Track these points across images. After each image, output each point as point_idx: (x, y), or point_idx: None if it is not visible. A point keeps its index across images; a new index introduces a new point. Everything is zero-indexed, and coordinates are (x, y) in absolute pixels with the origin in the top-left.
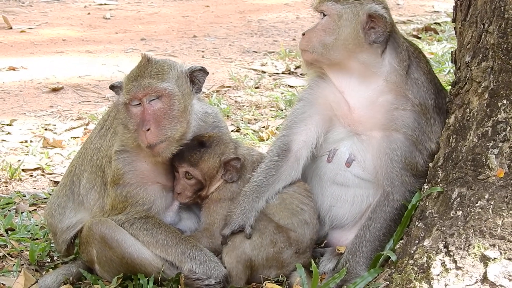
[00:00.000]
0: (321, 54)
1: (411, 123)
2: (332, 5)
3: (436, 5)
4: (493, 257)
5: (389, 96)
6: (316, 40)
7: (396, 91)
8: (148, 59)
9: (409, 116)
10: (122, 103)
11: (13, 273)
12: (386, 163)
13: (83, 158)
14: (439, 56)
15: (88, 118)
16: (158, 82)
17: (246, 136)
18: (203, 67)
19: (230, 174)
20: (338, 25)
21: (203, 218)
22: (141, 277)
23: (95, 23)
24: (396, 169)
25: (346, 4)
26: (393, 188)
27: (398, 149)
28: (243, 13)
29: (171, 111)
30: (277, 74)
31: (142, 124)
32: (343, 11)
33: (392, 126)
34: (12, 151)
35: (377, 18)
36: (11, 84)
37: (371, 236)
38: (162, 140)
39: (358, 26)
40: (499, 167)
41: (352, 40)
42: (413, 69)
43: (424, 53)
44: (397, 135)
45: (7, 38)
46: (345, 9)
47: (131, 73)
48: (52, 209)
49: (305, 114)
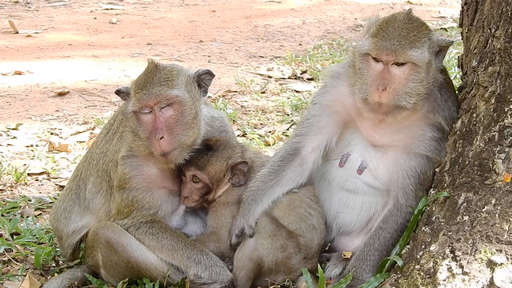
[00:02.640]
0: (414, 104)
1: (435, 147)
2: (419, 54)
3: (443, 11)
4: (499, 262)
5: (420, 123)
6: (405, 92)
7: (427, 118)
8: (156, 65)
9: (435, 143)
10: (132, 111)
11: (18, 278)
12: (402, 177)
13: (89, 163)
14: (446, 61)
15: (94, 122)
16: (169, 90)
17: (252, 141)
18: (209, 70)
19: (237, 177)
20: (427, 72)
21: (210, 222)
22: (146, 282)
23: (101, 27)
24: (412, 183)
25: (425, 47)
26: (407, 200)
27: (417, 167)
28: (250, 18)
29: (182, 118)
30: (283, 79)
31: (155, 132)
32: (429, 57)
33: (416, 149)
34: (18, 155)
35: (445, 47)
36: (17, 88)
37: (380, 246)
38: (175, 147)
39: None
40: (505, 172)
41: (434, 79)
42: (443, 92)
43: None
44: (418, 156)
45: (13, 42)
46: (429, 53)
47: (139, 80)
48: (58, 213)
49: (320, 123)
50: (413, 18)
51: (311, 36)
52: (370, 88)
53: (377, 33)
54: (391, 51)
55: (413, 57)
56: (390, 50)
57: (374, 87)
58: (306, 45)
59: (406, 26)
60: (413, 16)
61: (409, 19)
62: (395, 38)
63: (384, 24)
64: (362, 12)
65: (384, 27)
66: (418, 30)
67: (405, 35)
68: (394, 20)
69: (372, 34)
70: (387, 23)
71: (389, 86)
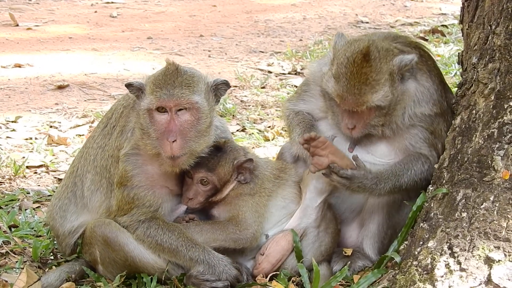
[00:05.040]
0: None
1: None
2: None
3: (444, 7)
4: (497, 259)
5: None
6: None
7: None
8: (177, 67)
9: (429, 119)
10: (146, 108)
11: (15, 270)
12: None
13: (85, 158)
14: (446, 58)
15: (93, 116)
16: (190, 94)
17: (251, 135)
18: (226, 80)
19: (243, 175)
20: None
21: (224, 214)
22: (144, 276)
23: (101, 21)
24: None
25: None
26: (419, 148)
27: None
28: (250, 13)
29: (198, 125)
30: (283, 74)
31: (168, 134)
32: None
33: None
34: (17, 148)
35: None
36: (17, 81)
37: (397, 171)
38: (185, 152)
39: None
40: (504, 169)
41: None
42: (422, 83)
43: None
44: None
45: (13, 35)
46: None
47: (158, 79)
48: (54, 211)
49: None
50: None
51: (311, 32)
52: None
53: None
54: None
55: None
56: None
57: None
58: (306, 40)
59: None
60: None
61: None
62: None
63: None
64: (363, 8)
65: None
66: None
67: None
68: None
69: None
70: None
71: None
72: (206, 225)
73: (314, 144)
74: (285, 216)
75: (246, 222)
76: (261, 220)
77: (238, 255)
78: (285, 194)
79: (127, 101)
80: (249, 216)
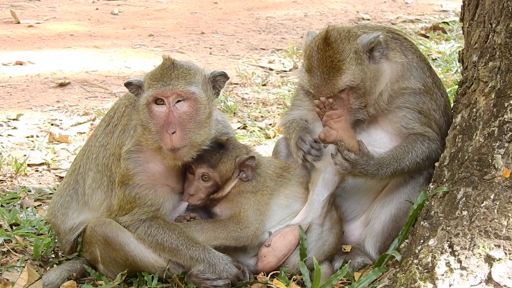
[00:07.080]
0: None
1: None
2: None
3: (445, 4)
4: (498, 258)
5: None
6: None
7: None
8: (173, 62)
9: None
10: (145, 103)
11: (17, 269)
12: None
13: (87, 156)
14: (447, 55)
15: (94, 113)
16: (187, 85)
17: (252, 133)
18: (224, 72)
19: (245, 173)
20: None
21: (226, 212)
22: (145, 274)
23: (103, 18)
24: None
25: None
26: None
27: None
28: (251, 10)
29: (196, 116)
30: (285, 71)
31: (168, 126)
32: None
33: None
34: (18, 145)
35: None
36: (18, 78)
37: (397, 155)
38: (186, 144)
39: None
40: (505, 167)
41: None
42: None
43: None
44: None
45: (14, 32)
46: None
47: (154, 73)
48: (55, 209)
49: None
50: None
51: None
52: None
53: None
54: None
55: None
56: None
57: None
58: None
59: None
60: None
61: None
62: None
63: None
64: (364, 5)
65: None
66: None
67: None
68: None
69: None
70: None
71: None
72: (207, 224)
73: (329, 113)
74: (288, 215)
75: (248, 220)
76: (263, 219)
77: (240, 253)
78: (288, 193)
79: (129, 100)
80: (250, 214)
